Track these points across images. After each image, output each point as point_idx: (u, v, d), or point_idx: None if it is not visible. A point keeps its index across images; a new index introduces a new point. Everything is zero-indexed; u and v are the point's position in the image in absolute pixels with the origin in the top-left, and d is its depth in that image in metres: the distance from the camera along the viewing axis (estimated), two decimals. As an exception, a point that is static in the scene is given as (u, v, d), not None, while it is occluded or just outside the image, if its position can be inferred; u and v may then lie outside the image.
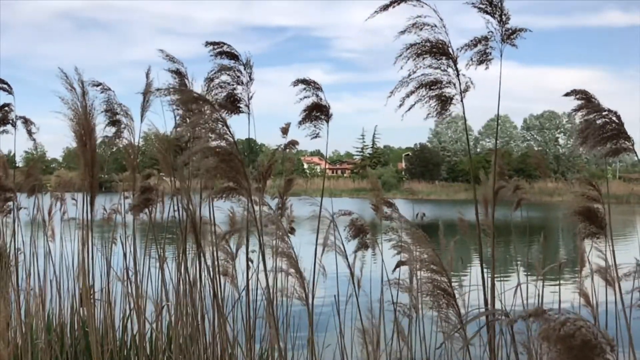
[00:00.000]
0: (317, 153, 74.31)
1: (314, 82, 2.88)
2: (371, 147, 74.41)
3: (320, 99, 2.87)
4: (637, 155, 2.40)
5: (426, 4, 1.98)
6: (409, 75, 2.02)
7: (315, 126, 2.88)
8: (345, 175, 73.27)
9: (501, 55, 2.07)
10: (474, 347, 2.67)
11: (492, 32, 2.07)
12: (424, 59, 2.01)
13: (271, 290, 2.57)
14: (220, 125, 2.15)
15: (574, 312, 1.17)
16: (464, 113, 2.08)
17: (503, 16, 2.06)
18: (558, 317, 1.11)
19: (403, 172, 68.25)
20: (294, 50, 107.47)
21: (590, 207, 2.68)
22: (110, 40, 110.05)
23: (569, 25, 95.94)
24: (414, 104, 2.07)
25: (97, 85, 3.59)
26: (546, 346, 1.10)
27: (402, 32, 1.99)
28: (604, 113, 2.23)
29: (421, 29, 1.98)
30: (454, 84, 2.06)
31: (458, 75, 2.05)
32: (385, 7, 2.01)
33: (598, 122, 2.21)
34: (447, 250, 4.73)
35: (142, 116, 3.67)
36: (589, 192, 2.76)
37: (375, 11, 2.02)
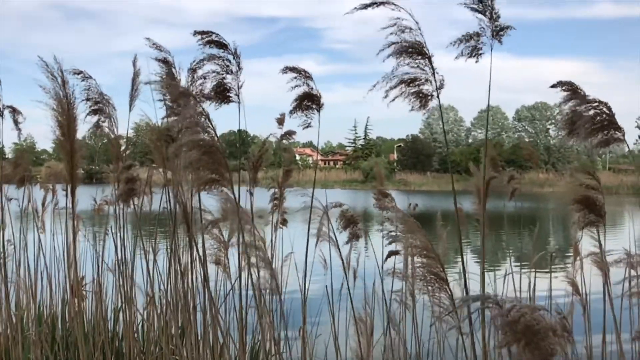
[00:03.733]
0: (309, 144, 74.22)
1: (304, 71, 2.87)
2: (363, 139, 74.42)
3: (311, 88, 2.85)
4: (627, 146, 2.42)
5: (403, 8, 2.17)
6: (392, 71, 2.23)
7: (306, 116, 2.87)
8: (337, 166, 73.29)
9: (491, 50, 2.23)
10: (466, 336, 2.68)
11: (483, 28, 2.23)
12: (403, 57, 2.21)
13: (260, 282, 2.57)
14: (202, 119, 2.22)
15: (517, 300, 1.31)
16: (440, 107, 2.30)
17: (494, 14, 2.22)
18: (504, 303, 1.26)
19: (395, 164, 68.35)
20: (286, 41, 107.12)
21: (589, 195, 2.68)
22: (100, 30, 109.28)
23: (559, 16, 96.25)
24: (397, 97, 2.26)
25: (78, 74, 3.53)
26: (496, 330, 1.24)
27: (384, 29, 2.19)
28: (594, 104, 2.27)
29: (403, 32, 2.19)
30: (431, 82, 2.24)
31: (434, 73, 2.23)
32: (365, 6, 2.19)
33: (589, 113, 2.25)
34: (440, 240, 4.74)
35: (130, 106, 3.64)
36: (588, 180, 2.75)
37: (355, 8, 2.21)
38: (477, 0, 2.22)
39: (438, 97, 2.25)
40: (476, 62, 2.23)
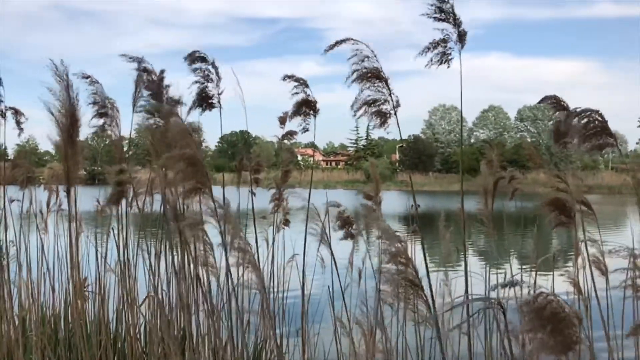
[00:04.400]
0: (311, 145, 74.25)
1: (302, 79, 3.09)
2: (365, 139, 74.45)
3: (308, 95, 3.05)
4: (619, 150, 2.50)
5: (361, 42, 2.48)
6: (359, 94, 2.51)
7: (304, 121, 3.07)
8: (339, 167, 73.33)
9: (460, 54, 2.43)
10: (467, 337, 2.69)
11: (448, 34, 2.41)
12: (365, 82, 2.49)
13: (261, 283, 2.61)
14: (184, 134, 2.53)
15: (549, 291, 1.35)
16: (398, 125, 2.55)
17: (456, 20, 2.40)
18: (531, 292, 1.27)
19: (397, 164, 68.35)
20: (286, 41, 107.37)
21: (558, 197, 2.90)
22: (100, 31, 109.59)
23: (560, 16, 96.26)
24: (361, 116, 2.56)
25: (86, 78, 3.58)
26: (522, 316, 1.27)
27: (349, 59, 2.48)
28: (587, 113, 2.42)
29: (363, 61, 2.47)
30: (389, 102, 2.51)
31: (391, 94, 2.49)
32: (331, 47, 2.52)
33: (582, 122, 2.40)
34: (443, 240, 4.74)
35: (134, 107, 3.65)
36: (557, 184, 2.98)
37: (325, 50, 2.54)
38: (438, 9, 2.38)
39: (395, 114, 2.51)
40: (447, 67, 2.42)
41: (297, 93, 3.13)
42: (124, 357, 4.09)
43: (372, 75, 2.50)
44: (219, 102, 3.29)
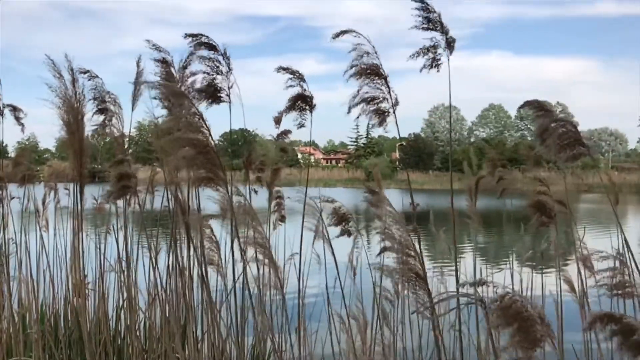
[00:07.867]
0: (312, 143, 74.26)
1: (298, 72, 2.95)
2: (365, 137, 74.41)
3: (304, 89, 2.93)
4: (591, 156, 2.56)
5: (362, 35, 2.47)
6: (357, 91, 2.48)
7: (300, 116, 2.96)
8: (339, 165, 73.32)
9: (449, 60, 2.49)
10: (462, 332, 2.71)
11: (437, 42, 2.47)
12: (363, 79, 2.45)
13: (251, 281, 2.60)
14: (196, 119, 2.29)
15: (513, 291, 1.44)
16: (396, 124, 2.54)
17: (443, 28, 2.46)
18: (498, 292, 1.40)
19: (397, 162, 68.35)
20: (287, 40, 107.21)
21: (539, 200, 3.12)
22: (101, 30, 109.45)
23: (561, 15, 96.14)
24: (360, 115, 2.52)
25: (85, 73, 3.58)
26: (490, 315, 1.37)
27: (349, 52, 2.46)
28: (561, 123, 2.50)
29: (362, 56, 2.44)
30: (387, 100, 2.48)
31: (390, 92, 2.47)
32: (336, 36, 2.49)
33: (557, 131, 2.47)
34: (438, 238, 4.76)
35: (133, 105, 3.66)
36: (538, 187, 3.25)
37: (332, 38, 2.49)
38: (425, 19, 2.45)
39: (394, 113, 2.49)
40: (437, 71, 2.46)
41: (291, 86, 2.96)
42: (123, 354, 4.11)
43: (371, 72, 2.45)
44: (228, 96, 3.04)
